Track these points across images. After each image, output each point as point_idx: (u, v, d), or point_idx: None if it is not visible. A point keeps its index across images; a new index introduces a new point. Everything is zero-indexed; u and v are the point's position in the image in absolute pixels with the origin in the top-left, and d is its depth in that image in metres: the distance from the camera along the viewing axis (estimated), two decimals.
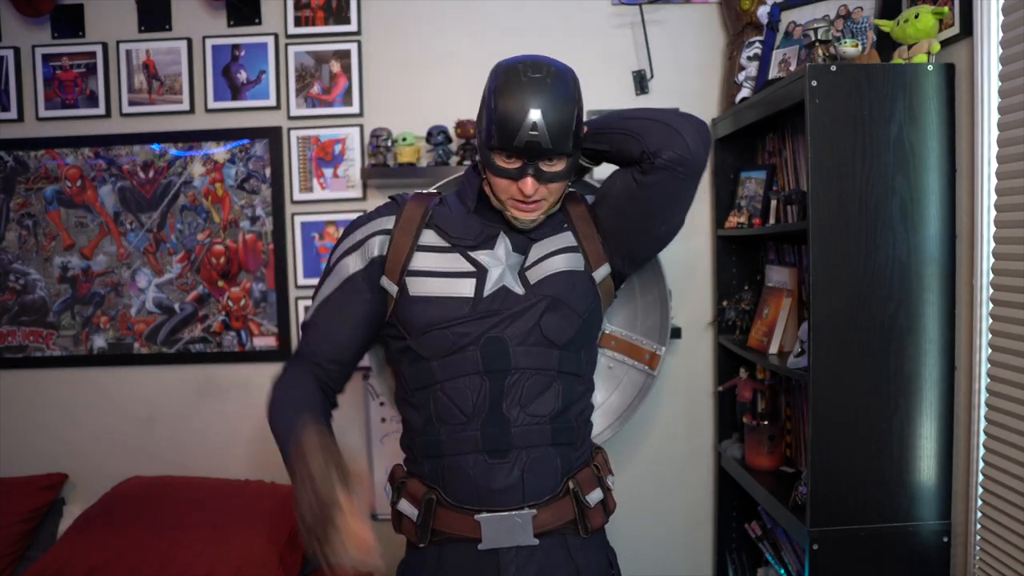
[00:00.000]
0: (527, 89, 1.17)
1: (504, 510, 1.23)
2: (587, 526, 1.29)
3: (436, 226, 1.32)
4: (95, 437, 2.53)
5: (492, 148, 1.22)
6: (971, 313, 1.64)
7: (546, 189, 1.25)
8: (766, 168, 2.20)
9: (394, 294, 1.29)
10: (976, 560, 1.64)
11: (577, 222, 1.36)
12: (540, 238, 1.33)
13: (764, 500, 2.03)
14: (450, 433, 1.24)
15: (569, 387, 1.29)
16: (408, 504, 1.30)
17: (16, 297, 2.53)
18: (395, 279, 1.29)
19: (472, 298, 1.26)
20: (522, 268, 1.30)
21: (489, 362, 1.24)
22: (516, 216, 1.28)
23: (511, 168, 1.22)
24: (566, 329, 1.28)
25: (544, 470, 1.25)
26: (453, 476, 1.25)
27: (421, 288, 1.28)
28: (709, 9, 2.43)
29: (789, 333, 2.04)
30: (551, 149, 1.19)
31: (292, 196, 2.48)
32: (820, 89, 1.64)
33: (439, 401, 1.26)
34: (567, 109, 1.19)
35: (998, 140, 1.57)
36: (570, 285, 1.30)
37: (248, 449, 2.50)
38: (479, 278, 1.27)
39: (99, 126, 2.49)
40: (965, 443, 1.67)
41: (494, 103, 1.19)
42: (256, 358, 2.51)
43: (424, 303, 1.27)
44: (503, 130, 1.18)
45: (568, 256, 1.32)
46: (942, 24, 1.66)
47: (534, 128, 1.17)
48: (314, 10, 2.45)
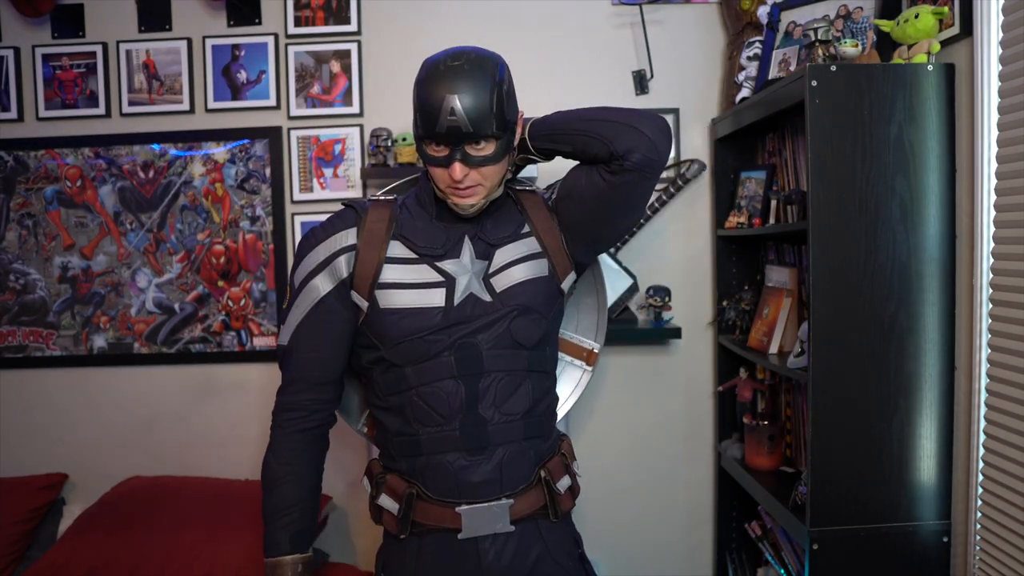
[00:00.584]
0: (444, 76, 1.21)
1: (484, 501, 1.30)
2: (557, 510, 1.36)
3: (402, 236, 1.33)
4: (95, 437, 2.53)
5: (421, 138, 1.26)
6: (971, 313, 1.64)
7: (478, 174, 1.25)
8: (766, 168, 2.21)
9: (365, 308, 1.31)
10: (976, 560, 1.64)
11: (537, 222, 1.39)
12: (502, 243, 1.36)
13: (764, 500, 2.03)
14: (429, 434, 1.30)
15: (538, 384, 1.35)
16: (389, 499, 1.35)
17: (16, 297, 2.53)
18: (365, 294, 1.31)
19: (443, 307, 1.29)
20: (486, 274, 1.33)
21: (464, 367, 1.29)
22: (456, 203, 1.29)
23: (440, 156, 1.24)
24: (534, 332, 1.34)
25: (520, 462, 1.32)
26: (433, 472, 1.30)
27: (392, 300, 1.30)
28: (709, 9, 2.43)
29: (789, 333, 2.04)
30: (472, 132, 1.21)
31: (292, 196, 2.48)
32: (820, 89, 1.64)
33: (415, 405, 1.30)
34: (484, 93, 1.21)
35: (998, 140, 1.57)
36: (535, 292, 1.35)
37: (248, 449, 2.50)
38: (448, 287, 1.30)
39: (99, 126, 2.49)
40: (965, 443, 1.67)
41: (418, 96, 1.24)
42: (256, 358, 2.51)
43: (396, 315, 1.29)
44: (425, 118, 1.22)
45: (532, 264, 1.36)
46: (942, 24, 1.66)
47: (452, 113, 1.20)
48: (314, 10, 2.45)
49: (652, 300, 2.33)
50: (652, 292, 2.33)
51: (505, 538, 1.32)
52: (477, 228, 1.35)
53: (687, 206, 2.45)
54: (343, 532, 2.52)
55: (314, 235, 1.36)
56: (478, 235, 1.35)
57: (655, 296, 2.32)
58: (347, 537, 2.52)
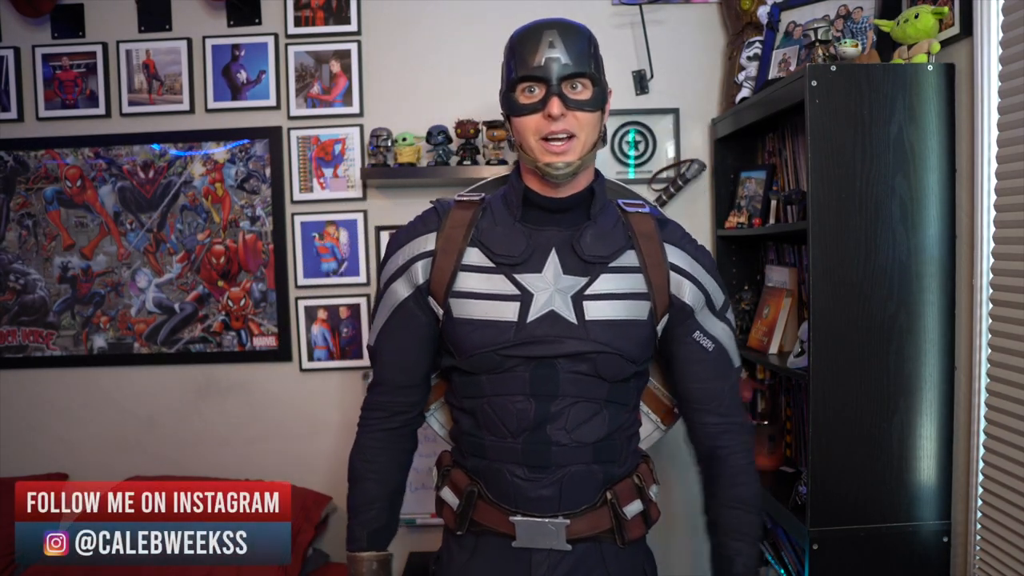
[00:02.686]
0: (541, 23, 1.22)
1: (539, 516, 1.24)
2: (624, 536, 1.29)
3: (480, 243, 1.26)
4: (95, 437, 2.53)
5: (515, 84, 1.21)
6: (971, 313, 1.64)
7: (575, 119, 1.19)
8: (766, 168, 2.21)
9: (440, 315, 1.28)
10: (976, 560, 1.64)
11: (648, 254, 1.27)
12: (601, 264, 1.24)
13: (764, 500, 2.02)
14: (493, 442, 1.26)
15: (616, 415, 1.27)
16: (451, 493, 1.33)
17: (16, 297, 2.53)
18: (440, 300, 1.27)
19: (515, 323, 1.22)
20: (579, 293, 1.23)
21: (537, 385, 1.22)
22: (549, 163, 1.19)
23: (535, 101, 1.19)
24: (621, 372, 1.25)
25: (583, 484, 1.25)
26: (494, 478, 1.27)
27: (464, 310, 1.24)
28: (709, 9, 2.42)
29: (789, 333, 2.04)
30: (571, 65, 1.18)
31: (292, 196, 2.48)
32: (820, 89, 1.64)
33: (486, 413, 1.26)
34: (582, 35, 1.21)
35: (998, 140, 1.57)
36: (628, 336, 1.24)
37: (248, 449, 2.50)
38: (523, 302, 1.22)
39: (99, 126, 2.49)
40: (965, 443, 1.67)
41: (512, 48, 1.23)
42: (256, 358, 2.51)
43: (467, 325, 1.24)
44: (523, 56, 1.19)
45: (633, 305, 1.24)
46: (942, 24, 1.66)
47: (552, 46, 1.17)
48: (314, 10, 2.45)
49: None
50: None
51: (560, 556, 1.25)
52: (573, 237, 1.24)
53: (687, 206, 2.45)
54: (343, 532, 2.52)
55: (398, 238, 1.33)
56: (573, 247, 1.24)
57: None
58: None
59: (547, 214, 1.26)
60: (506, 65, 1.25)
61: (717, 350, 1.32)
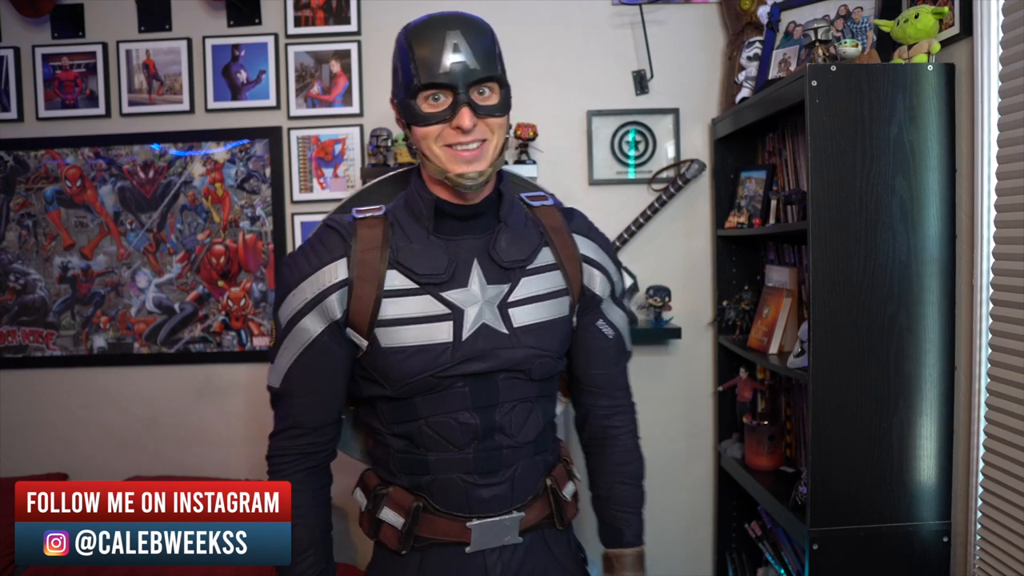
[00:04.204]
0: (440, 20, 1.11)
1: (495, 515, 1.24)
2: (563, 518, 1.31)
3: (399, 264, 1.17)
4: (95, 437, 2.53)
5: (416, 91, 1.11)
6: (971, 313, 1.64)
7: (485, 126, 1.12)
8: (766, 168, 2.21)
9: (364, 347, 1.19)
10: (976, 560, 1.64)
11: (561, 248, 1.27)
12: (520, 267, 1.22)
13: (764, 500, 2.03)
14: (439, 457, 1.22)
15: (546, 408, 1.31)
16: (392, 513, 1.26)
17: (16, 297, 2.53)
18: (363, 332, 1.17)
19: (451, 343, 1.17)
20: (503, 301, 1.20)
21: (479, 399, 1.20)
22: (462, 174, 1.12)
23: (441, 109, 1.11)
24: (551, 370, 1.27)
25: (530, 476, 1.27)
26: (441, 488, 1.23)
27: (394, 339, 1.16)
28: (709, 9, 2.43)
29: (789, 333, 2.04)
30: (479, 70, 1.09)
31: (292, 196, 2.48)
32: (820, 89, 1.64)
33: (425, 434, 1.21)
34: (485, 33, 1.13)
35: (998, 140, 1.57)
36: (554, 335, 1.25)
37: (248, 449, 2.50)
38: (456, 319, 1.17)
39: (99, 126, 2.49)
40: (965, 443, 1.67)
41: (409, 48, 1.11)
42: (256, 358, 2.51)
43: (399, 354, 1.17)
44: (426, 63, 1.09)
45: (555, 303, 1.25)
46: (942, 24, 1.66)
47: (456, 50, 1.08)
48: (314, 10, 2.45)
49: (652, 300, 2.33)
50: (652, 292, 2.33)
51: (512, 550, 1.25)
52: (488, 245, 1.20)
53: (687, 206, 2.45)
54: (342, 532, 2.52)
55: (296, 266, 1.19)
56: (490, 255, 1.20)
57: (655, 296, 2.32)
58: (346, 536, 2.52)
59: (459, 223, 1.20)
60: (402, 66, 1.14)
61: (616, 337, 1.34)
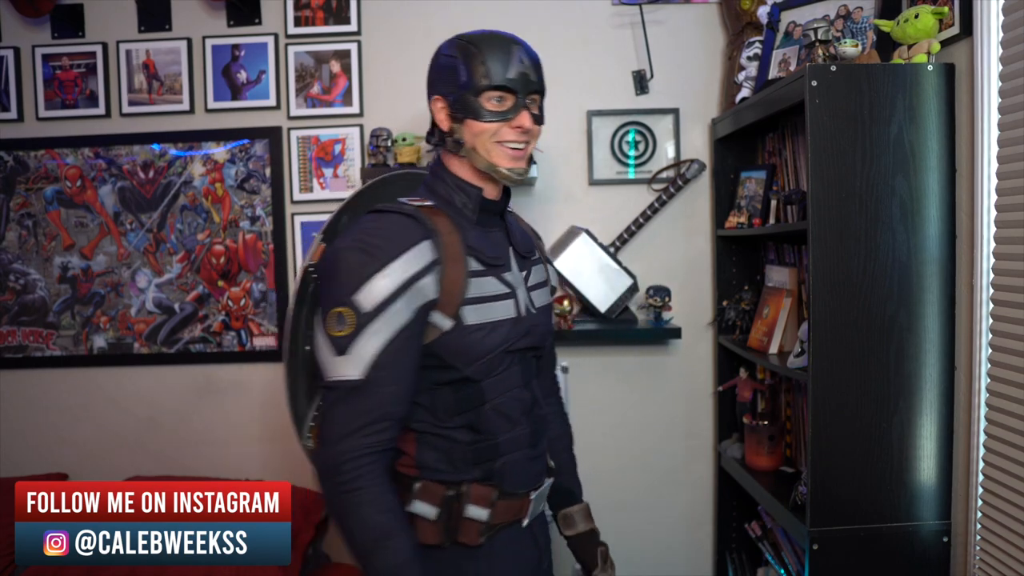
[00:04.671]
0: (506, 36, 1.26)
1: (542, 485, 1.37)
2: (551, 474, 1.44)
3: (470, 248, 1.23)
4: (95, 437, 2.53)
5: (482, 90, 1.22)
6: (971, 313, 1.64)
7: (533, 130, 1.27)
8: (766, 168, 2.21)
9: (446, 328, 1.21)
10: (976, 560, 1.64)
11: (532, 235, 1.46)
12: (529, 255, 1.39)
13: (764, 500, 2.03)
14: (507, 438, 1.29)
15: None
16: (476, 508, 1.26)
17: (16, 297, 2.53)
18: (451, 313, 1.20)
19: (515, 318, 1.29)
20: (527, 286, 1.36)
21: (527, 374, 1.33)
22: (512, 168, 1.25)
23: (504, 109, 1.23)
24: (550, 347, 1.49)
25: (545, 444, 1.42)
26: (511, 470, 1.30)
27: (479, 316, 1.23)
28: (709, 9, 2.43)
29: (789, 333, 2.04)
30: (536, 82, 1.25)
31: (292, 196, 2.48)
32: (820, 89, 1.64)
33: (489, 418, 1.26)
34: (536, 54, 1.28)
35: (998, 140, 1.57)
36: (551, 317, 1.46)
37: (248, 449, 2.50)
38: (515, 298, 1.30)
39: (99, 126, 2.49)
40: (965, 443, 1.67)
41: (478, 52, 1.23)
42: (256, 358, 2.51)
43: (481, 331, 1.23)
44: (496, 67, 1.22)
45: (547, 290, 1.44)
46: (942, 24, 1.66)
47: (522, 61, 1.23)
48: (314, 10, 2.45)
49: (652, 300, 2.33)
50: (652, 292, 2.33)
51: (540, 517, 1.39)
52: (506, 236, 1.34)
53: (687, 206, 2.45)
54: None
55: (377, 250, 1.17)
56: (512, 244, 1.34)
57: (655, 296, 2.32)
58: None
59: (491, 216, 1.32)
60: (466, 68, 1.24)
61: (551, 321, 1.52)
